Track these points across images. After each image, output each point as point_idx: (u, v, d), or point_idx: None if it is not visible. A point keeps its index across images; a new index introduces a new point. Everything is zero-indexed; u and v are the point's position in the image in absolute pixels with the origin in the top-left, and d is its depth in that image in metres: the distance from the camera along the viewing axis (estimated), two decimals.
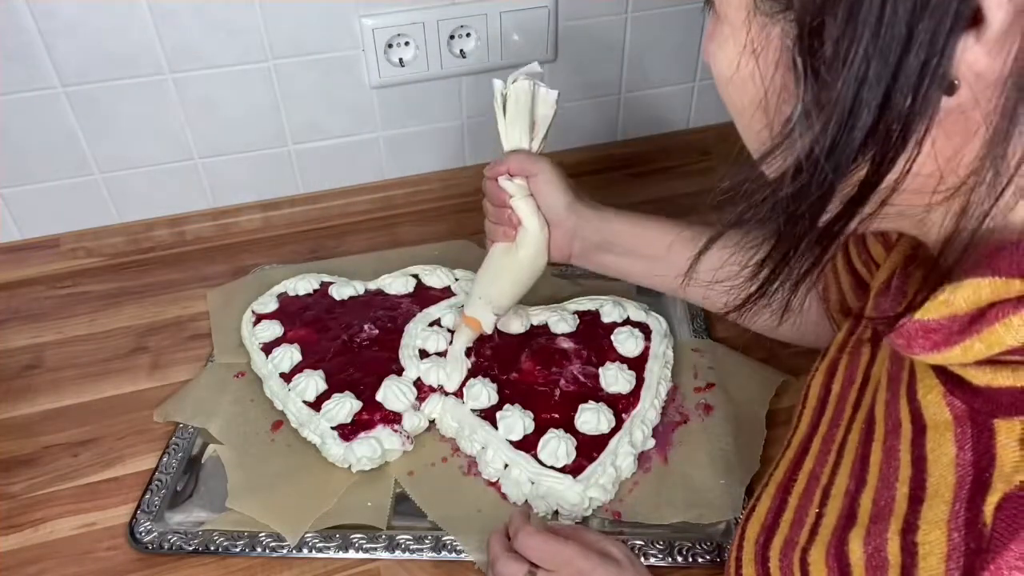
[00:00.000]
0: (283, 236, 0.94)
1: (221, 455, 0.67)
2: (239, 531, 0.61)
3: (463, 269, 0.83)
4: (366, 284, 0.81)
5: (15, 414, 0.73)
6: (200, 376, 0.75)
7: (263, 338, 0.75)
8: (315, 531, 0.61)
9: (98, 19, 0.76)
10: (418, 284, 0.81)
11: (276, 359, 0.72)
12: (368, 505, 0.63)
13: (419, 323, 0.75)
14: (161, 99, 0.83)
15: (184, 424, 0.70)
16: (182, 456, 0.68)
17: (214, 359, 0.77)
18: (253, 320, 0.78)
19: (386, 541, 0.61)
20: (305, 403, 0.68)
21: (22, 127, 0.81)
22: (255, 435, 0.68)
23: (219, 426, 0.69)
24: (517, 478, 0.63)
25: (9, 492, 0.66)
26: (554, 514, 0.62)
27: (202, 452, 0.68)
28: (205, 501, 0.64)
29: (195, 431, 0.70)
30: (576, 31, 0.90)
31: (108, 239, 0.90)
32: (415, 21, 0.84)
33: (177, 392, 0.74)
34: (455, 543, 0.60)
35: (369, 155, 0.94)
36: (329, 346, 0.74)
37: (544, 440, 0.64)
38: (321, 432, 0.66)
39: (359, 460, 0.64)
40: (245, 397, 0.72)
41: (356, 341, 0.74)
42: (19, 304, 0.85)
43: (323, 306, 0.79)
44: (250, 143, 0.89)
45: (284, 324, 0.76)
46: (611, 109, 0.99)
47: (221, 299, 0.83)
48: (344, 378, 0.70)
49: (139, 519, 0.63)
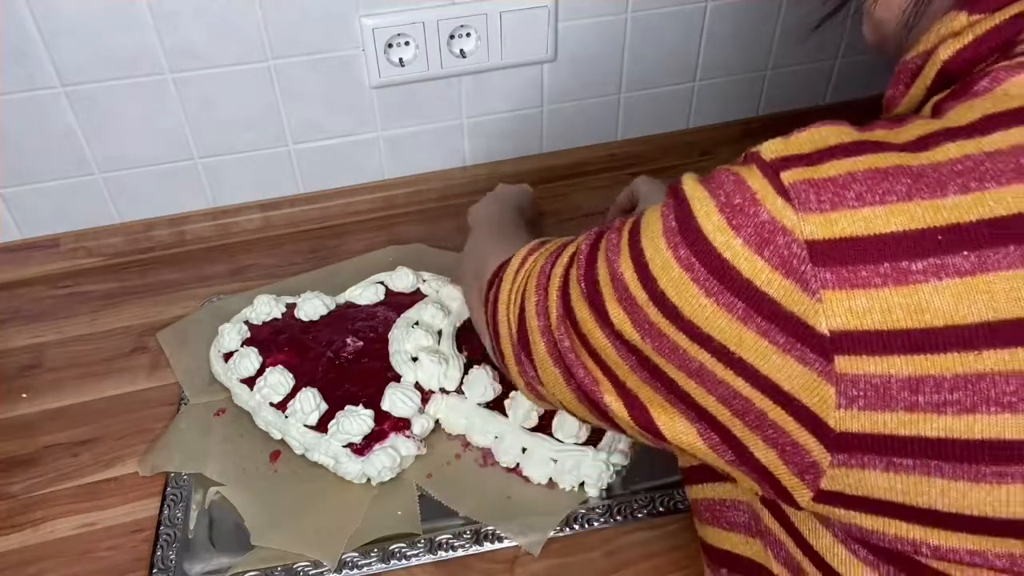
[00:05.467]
0: (283, 236, 0.94)
1: (227, 496, 0.65)
2: (272, 567, 0.60)
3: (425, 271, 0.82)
4: (335, 299, 0.79)
5: (15, 414, 0.73)
6: (178, 421, 0.71)
7: (242, 372, 0.71)
8: (351, 550, 0.61)
9: (98, 19, 0.76)
10: (387, 291, 0.80)
11: (264, 390, 0.69)
12: (399, 514, 0.63)
13: (401, 327, 0.74)
14: (161, 99, 0.83)
15: (176, 472, 0.67)
16: (184, 505, 0.65)
17: (187, 401, 0.73)
18: (223, 356, 0.73)
19: (426, 544, 0.61)
20: (307, 427, 0.67)
21: (22, 127, 0.81)
22: (255, 469, 0.67)
23: (215, 468, 0.66)
24: (539, 459, 0.64)
25: (9, 492, 0.66)
26: (580, 486, 0.64)
27: (204, 497, 0.66)
28: (222, 545, 0.62)
29: (189, 478, 0.67)
30: (576, 31, 0.90)
31: (108, 239, 0.90)
32: (415, 21, 0.84)
33: (157, 443, 0.69)
34: (496, 532, 0.61)
35: (369, 155, 0.94)
36: (316, 366, 0.71)
37: (558, 421, 0.66)
38: (333, 452, 0.65)
39: (379, 472, 0.64)
40: (234, 434, 0.69)
41: (343, 356, 0.72)
42: (19, 304, 0.85)
43: (297, 327, 0.76)
44: (250, 143, 0.89)
45: (262, 352, 0.73)
46: (611, 109, 0.99)
47: (175, 339, 0.79)
48: (342, 394, 0.69)
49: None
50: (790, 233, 0.31)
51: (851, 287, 0.30)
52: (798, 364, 0.32)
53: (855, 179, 0.31)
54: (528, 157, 0.99)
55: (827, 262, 0.30)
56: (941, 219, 0.30)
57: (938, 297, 0.29)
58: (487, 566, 0.61)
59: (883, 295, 0.30)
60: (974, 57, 0.36)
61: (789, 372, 0.32)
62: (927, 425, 0.30)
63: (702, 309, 0.34)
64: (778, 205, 0.32)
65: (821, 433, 0.32)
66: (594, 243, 0.42)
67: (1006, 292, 0.29)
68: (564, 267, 0.45)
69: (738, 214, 0.33)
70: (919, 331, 0.30)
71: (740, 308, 0.32)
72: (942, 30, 0.37)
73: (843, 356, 0.31)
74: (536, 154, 1.00)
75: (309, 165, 0.93)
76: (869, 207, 0.30)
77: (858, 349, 0.30)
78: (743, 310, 0.32)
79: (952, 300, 0.29)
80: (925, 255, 0.30)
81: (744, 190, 0.33)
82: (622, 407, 0.42)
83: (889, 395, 0.30)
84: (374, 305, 0.79)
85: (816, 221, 0.31)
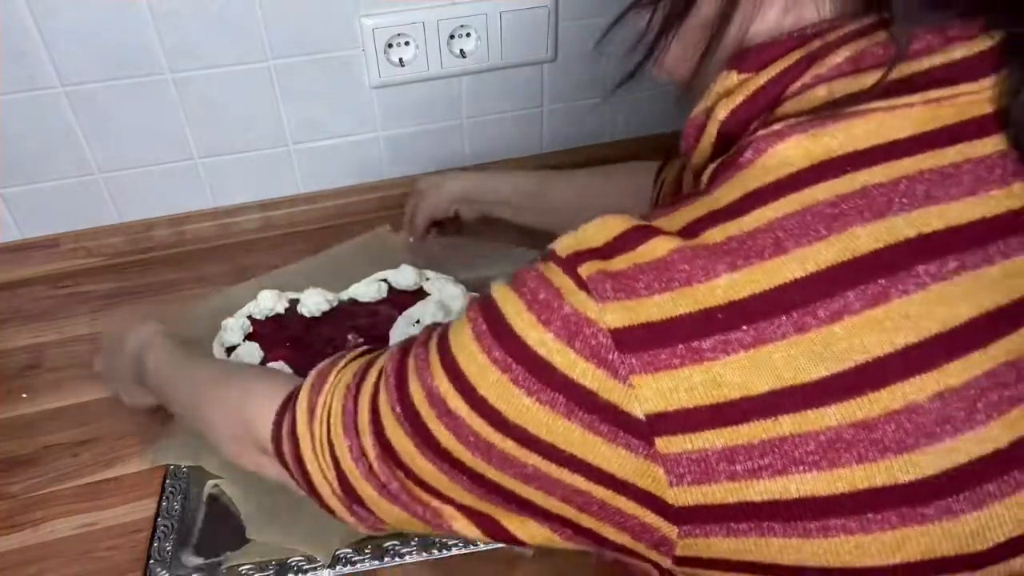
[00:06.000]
0: (283, 236, 0.93)
1: (225, 489, 0.65)
2: (266, 560, 0.60)
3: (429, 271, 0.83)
4: (337, 295, 0.80)
5: (15, 414, 0.73)
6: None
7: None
8: (345, 546, 0.61)
9: (98, 19, 0.76)
10: (390, 288, 0.81)
11: None
12: None
13: (403, 324, 0.74)
14: (161, 99, 0.83)
15: (175, 465, 0.67)
16: (182, 498, 0.65)
17: None
18: (226, 350, 0.74)
19: (420, 542, 0.61)
20: None
21: (22, 127, 0.81)
22: None
23: (214, 461, 0.66)
24: None
25: (9, 492, 0.66)
26: None
27: (202, 490, 0.66)
28: (220, 538, 0.63)
29: (188, 471, 0.67)
30: (576, 31, 0.90)
31: (108, 239, 0.90)
32: (415, 21, 0.84)
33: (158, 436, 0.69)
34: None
35: (369, 155, 0.94)
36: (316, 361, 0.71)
37: None
38: None
39: None
40: None
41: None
42: (19, 304, 0.85)
43: (299, 323, 0.77)
44: (250, 143, 0.89)
45: (263, 347, 0.73)
46: (612, 109, 0.99)
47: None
48: None
49: (153, 569, 0.60)
50: (594, 323, 0.32)
51: (655, 370, 0.31)
52: (625, 451, 0.32)
53: (642, 270, 0.32)
54: (528, 157, 0.99)
55: (631, 348, 0.31)
56: (718, 298, 0.31)
57: (729, 371, 0.31)
58: (488, 566, 0.61)
59: (683, 374, 0.31)
60: (748, 116, 0.37)
61: (619, 460, 0.32)
62: (750, 491, 0.31)
63: (526, 410, 0.33)
64: (580, 298, 0.32)
65: (662, 510, 0.33)
66: (399, 364, 0.41)
67: (785, 360, 0.30)
68: (370, 398, 0.42)
69: (545, 309, 0.33)
70: (720, 405, 0.31)
71: (562, 403, 0.33)
72: (718, 88, 0.38)
73: (661, 437, 0.31)
74: (536, 154, 1.00)
75: (309, 165, 0.93)
76: (658, 294, 0.32)
77: (673, 429, 0.31)
78: (565, 405, 0.33)
79: (741, 373, 0.31)
80: (711, 333, 0.31)
81: (547, 286, 0.34)
82: (471, 526, 0.41)
83: (710, 468, 0.31)
84: (376, 302, 0.79)
85: (615, 309, 0.32)
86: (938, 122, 0.33)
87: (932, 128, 0.33)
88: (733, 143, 0.37)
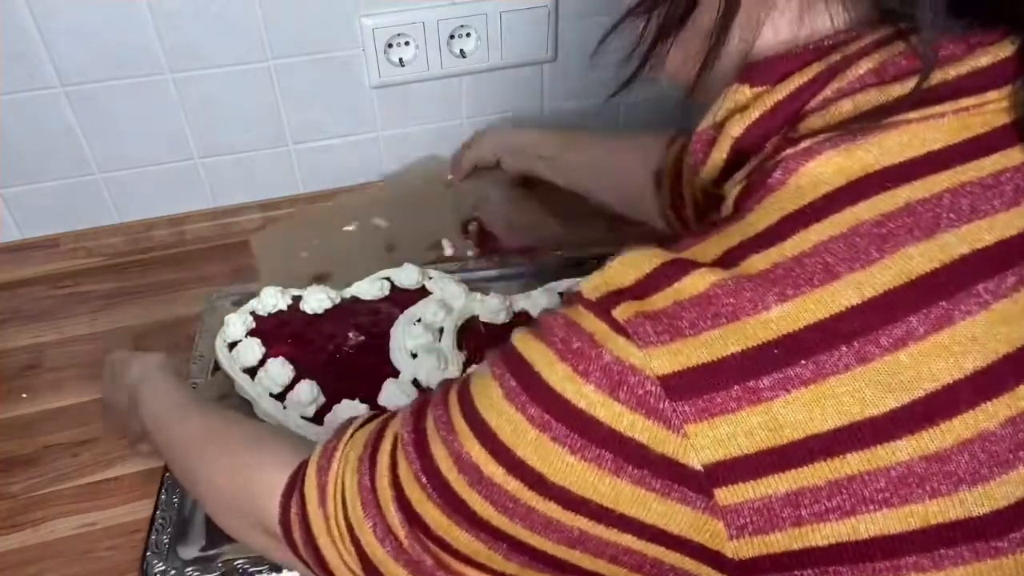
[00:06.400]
0: None
1: None
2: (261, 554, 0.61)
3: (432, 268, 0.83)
4: (340, 293, 0.79)
5: (15, 414, 0.73)
6: None
7: (244, 362, 0.71)
8: None
9: (98, 19, 0.76)
10: (392, 287, 0.80)
11: (265, 380, 0.69)
12: None
13: (404, 323, 0.74)
14: (161, 99, 0.83)
15: None
16: (180, 490, 0.64)
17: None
18: (228, 346, 0.74)
19: None
20: (305, 419, 0.67)
21: (22, 127, 0.81)
22: None
23: None
24: None
25: (9, 492, 0.66)
26: None
27: None
28: (216, 531, 0.61)
29: None
30: (576, 31, 0.90)
31: (108, 239, 0.90)
32: (415, 21, 0.84)
33: None
34: None
35: (369, 155, 0.94)
36: (316, 358, 0.72)
37: None
38: None
39: None
40: None
41: (344, 350, 0.73)
42: (19, 304, 0.85)
43: (301, 320, 0.76)
44: (250, 143, 0.89)
45: (264, 343, 0.73)
46: (612, 108, 0.98)
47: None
48: (340, 387, 0.69)
49: (150, 561, 0.60)
50: (640, 371, 0.30)
51: (711, 416, 0.29)
52: (680, 505, 0.30)
53: (684, 308, 0.30)
54: None
55: (683, 394, 0.29)
56: (771, 332, 0.29)
57: (790, 410, 0.29)
58: None
59: (741, 418, 0.29)
60: (765, 132, 0.35)
61: (674, 516, 0.31)
62: (816, 535, 0.30)
63: (570, 469, 0.31)
64: (620, 344, 0.30)
65: (721, 564, 0.31)
66: (415, 428, 0.38)
67: (850, 394, 0.29)
68: (388, 470, 0.39)
69: (582, 359, 0.31)
70: (783, 447, 0.29)
71: (609, 460, 0.31)
72: (728, 103, 0.37)
73: (721, 488, 0.30)
74: None
75: (309, 165, 0.93)
76: (706, 332, 0.30)
77: (734, 478, 0.30)
78: (612, 461, 0.31)
79: (803, 411, 0.29)
80: (768, 371, 0.29)
81: (579, 333, 0.32)
82: None
83: (774, 515, 0.30)
84: (378, 300, 0.79)
85: (660, 354, 0.30)
86: (969, 132, 0.32)
87: (965, 138, 0.32)
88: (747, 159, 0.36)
